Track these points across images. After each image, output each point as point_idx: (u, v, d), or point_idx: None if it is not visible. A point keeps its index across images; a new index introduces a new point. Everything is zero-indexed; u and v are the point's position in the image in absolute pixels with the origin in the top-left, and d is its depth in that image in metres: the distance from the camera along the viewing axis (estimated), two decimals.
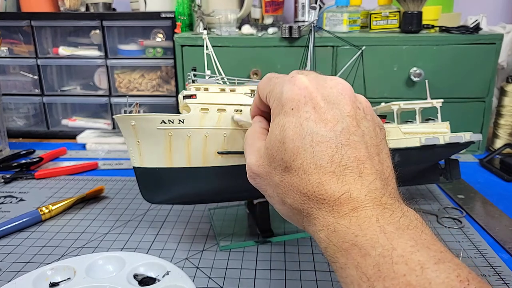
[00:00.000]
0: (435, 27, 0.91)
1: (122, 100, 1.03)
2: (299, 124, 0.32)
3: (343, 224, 0.29)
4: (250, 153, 0.37)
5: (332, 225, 0.29)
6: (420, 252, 0.25)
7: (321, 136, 0.31)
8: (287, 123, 0.33)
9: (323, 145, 0.31)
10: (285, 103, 0.33)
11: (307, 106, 0.32)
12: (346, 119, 0.32)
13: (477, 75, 0.85)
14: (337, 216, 0.29)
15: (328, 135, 0.31)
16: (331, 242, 0.29)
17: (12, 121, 1.08)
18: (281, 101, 0.34)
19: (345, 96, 0.33)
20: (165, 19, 0.96)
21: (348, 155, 0.31)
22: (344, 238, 0.28)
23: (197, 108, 0.47)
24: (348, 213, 0.29)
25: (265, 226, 0.55)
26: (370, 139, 0.33)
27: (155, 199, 0.53)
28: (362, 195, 0.30)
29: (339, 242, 0.28)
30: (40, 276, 0.43)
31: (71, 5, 1.02)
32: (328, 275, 0.47)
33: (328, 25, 0.94)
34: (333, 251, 0.29)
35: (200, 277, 0.47)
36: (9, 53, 1.03)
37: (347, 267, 0.27)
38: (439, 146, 0.56)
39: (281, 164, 0.33)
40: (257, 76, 0.87)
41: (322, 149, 0.31)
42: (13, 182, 0.75)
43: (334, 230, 0.29)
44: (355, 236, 0.28)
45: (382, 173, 0.32)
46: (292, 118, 0.32)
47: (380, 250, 0.26)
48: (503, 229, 0.58)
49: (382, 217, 0.28)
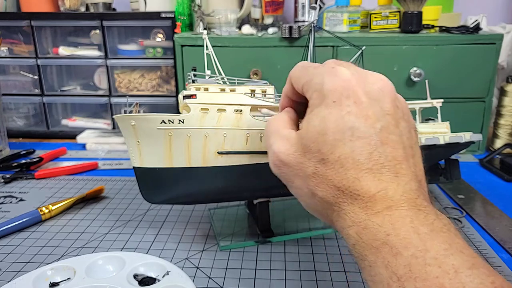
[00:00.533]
0: (435, 27, 0.92)
1: (122, 100, 1.03)
2: (341, 117, 0.31)
3: (376, 222, 0.28)
4: (276, 140, 0.35)
5: (363, 222, 0.29)
6: (454, 256, 0.25)
7: (361, 132, 0.31)
8: (328, 115, 0.32)
9: (362, 141, 0.31)
10: (327, 94, 0.32)
11: (349, 100, 0.32)
12: (386, 117, 0.32)
13: (477, 75, 0.85)
14: (370, 213, 0.29)
15: (368, 132, 0.31)
16: (361, 239, 0.29)
17: (12, 121, 1.08)
18: (322, 92, 0.33)
19: (386, 93, 0.33)
20: (165, 19, 0.96)
21: (386, 154, 0.31)
22: (375, 236, 0.28)
23: (197, 108, 0.47)
24: (381, 211, 0.29)
25: (265, 226, 0.55)
26: (407, 140, 0.33)
27: (155, 199, 0.53)
28: (397, 194, 0.30)
29: (369, 239, 0.28)
30: (40, 276, 0.43)
31: (71, 5, 1.02)
32: (328, 275, 0.47)
33: (328, 25, 0.94)
34: (362, 249, 0.29)
35: (200, 277, 0.47)
36: (9, 53, 1.03)
37: (377, 266, 0.27)
38: (439, 146, 0.56)
39: (317, 155, 0.32)
40: (257, 76, 0.87)
41: (361, 145, 0.31)
42: (13, 182, 0.75)
43: (365, 227, 0.29)
44: (387, 235, 0.27)
45: (416, 175, 0.32)
46: (334, 110, 0.32)
47: (413, 251, 0.26)
48: (503, 229, 0.58)
49: (416, 218, 0.28)
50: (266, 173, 0.50)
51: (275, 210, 0.61)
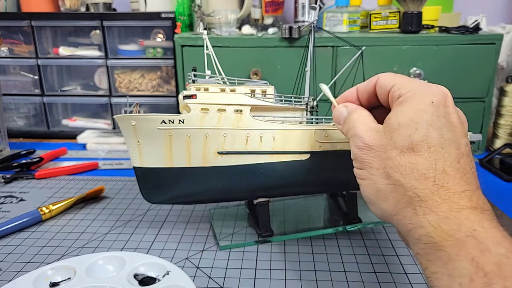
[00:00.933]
0: (435, 27, 0.92)
1: (122, 100, 1.03)
2: (436, 116, 0.33)
3: (459, 217, 0.29)
4: (364, 129, 0.37)
5: (445, 212, 0.29)
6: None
7: (451, 138, 0.33)
8: (425, 109, 0.34)
9: (452, 144, 0.33)
10: (426, 95, 0.35)
11: (447, 108, 0.34)
12: (465, 139, 0.35)
13: (477, 75, 0.85)
14: (454, 207, 0.30)
15: (457, 140, 0.33)
16: (440, 228, 0.29)
17: (13, 121, 1.08)
18: (421, 93, 0.35)
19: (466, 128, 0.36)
20: (165, 19, 0.96)
21: (470, 166, 0.33)
22: (459, 227, 0.28)
23: (197, 108, 0.47)
24: (465, 209, 0.29)
25: (265, 226, 0.55)
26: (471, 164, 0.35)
27: (155, 199, 0.53)
28: (481, 201, 0.31)
29: (451, 230, 0.28)
30: (41, 276, 0.43)
31: (71, 5, 1.02)
32: (328, 274, 0.47)
33: (328, 25, 0.94)
34: (439, 238, 0.28)
35: (200, 277, 0.47)
36: (9, 53, 1.03)
37: (459, 259, 0.27)
38: None
39: (407, 140, 0.33)
40: (257, 76, 0.87)
41: (450, 147, 0.33)
42: (14, 182, 0.76)
43: (447, 217, 0.29)
44: (474, 230, 0.27)
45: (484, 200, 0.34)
46: (431, 109, 0.34)
47: (504, 251, 0.26)
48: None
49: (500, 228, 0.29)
50: (266, 173, 0.50)
51: (275, 210, 0.61)
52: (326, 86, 0.45)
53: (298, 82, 0.60)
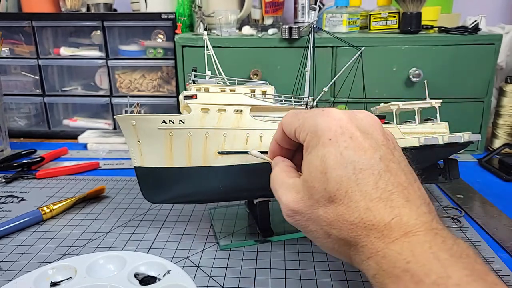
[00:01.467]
0: (434, 28, 0.92)
1: (123, 100, 1.04)
2: (339, 153, 0.32)
3: (394, 250, 0.28)
4: (284, 192, 0.37)
5: (382, 251, 0.29)
6: (477, 282, 0.25)
7: (362, 164, 0.32)
8: (327, 153, 0.33)
9: (365, 172, 0.31)
10: (322, 134, 0.34)
11: (344, 135, 0.33)
12: (382, 148, 0.33)
13: (476, 76, 0.85)
14: (387, 242, 0.29)
15: (369, 163, 0.32)
16: (381, 268, 0.29)
17: (14, 121, 1.08)
18: (317, 133, 0.34)
19: (376, 127, 0.35)
20: (166, 20, 0.96)
21: (391, 181, 0.31)
22: (395, 264, 0.28)
23: (197, 108, 0.47)
24: (399, 239, 0.29)
25: (265, 225, 0.55)
26: (405, 167, 0.34)
27: (156, 199, 0.53)
28: (412, 219, 0.30)
29: (389, 268, 0.28)
30: (41, 276, 0.44)
31: (72, 6, 1.03)
32: (328, 274, 0.48)
33: (327, 26, 0.94)
34: (382, 278, 0.28)
35: (201, 276, 0.47)
36: (10, 53, 1.03)
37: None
38: (438, 146, 0.56)
39: (324, 194, 0.32)
40: (257, 76, 0.87)
41: (365, 176, 0.31)
42: (15, 182, 0.76)
43: (384, 256, 0.29)
44: (407, 263, 0.27)
45: (424, 198, 0.33)
46: (331, 149, 0.33)
47: (435, 278, 0.26)
48: (502, 228, 0.58)
49: (434, 244, 0.28)
50: (266, 173, 0.50)
51: (275, 209, 0.61)
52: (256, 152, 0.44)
53: (298, 83, 0.60)
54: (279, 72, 0.87)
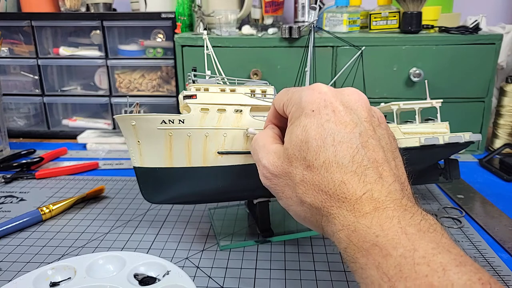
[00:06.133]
0: (435, 27, 0.92)
1: (122, 100, 1.03)
2: (321, 125, 0.33)
3: (364, 224, 0.29)
4: (265, 155, 0.38)
5: (352, 225, 0.30)
6: (442, 254, 0.26)
7: (342, 137, 0.33)
8: (309, 123, 0.34)
9: (344, 145, 0.32)
10: (305, 105, 0.35)
11: (327, 109, 0.34)
12: (363, 124, 0.34)
13: (476, 75, 0.85)
14: (358, 216, 0.30)
15: (348, 137, 0.33)
16: (351, 242, 0.29)
17: (13, 121, 1.08)
18: (301, 104, 0.35)
19: (361, 103, 0.36)
20: (166, 20, 0.96)
21: (368, 157, 0.32)
22: (364, 238, 0.29)
23: (197, 108, 0.47)
24: (369, 213, 0.30)
25: (265, 225, 0.55)
26: (386, 144, 0.35)
27: (155, 199, 0.53)
28: (383, 195, 0.31)
29: (359, 242, 0.29)
30: (41, 276, 0.44)
31: (71, 5, 1.03)
32: (328, 274, 0.47)
33: (328, 26, 0.94)
34: (353, 251, 0.29)
35: (200, 276, 0.47)
36: (9, 53, 1.03)
37: (368, 267, 0.28)
38: (438, 146, 0.56)
39: (303, 162, 0.33)
40: (257, 76, 0.87)
41: (343, 149, 0.32)
42: (14, 182, 0.76)
43: (355, 230, 0.29)
44: (376, 236, 0.28)
45: (399, 177, 0.34)
46: (313, 119, 0.34)
47: (402, 251, 0.26)
48: (502, 229, 0.58)
49: (403, 219, 0.29)
50: None
51: (275, 209, 0.61)
52: (252, 129, 0.46)
53: (298, 82, 0.60)
54: (279, 72, 0.87)
